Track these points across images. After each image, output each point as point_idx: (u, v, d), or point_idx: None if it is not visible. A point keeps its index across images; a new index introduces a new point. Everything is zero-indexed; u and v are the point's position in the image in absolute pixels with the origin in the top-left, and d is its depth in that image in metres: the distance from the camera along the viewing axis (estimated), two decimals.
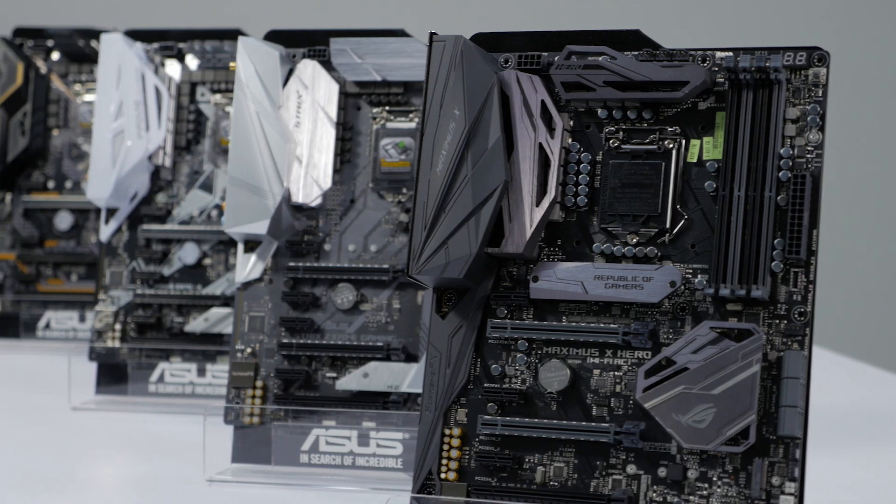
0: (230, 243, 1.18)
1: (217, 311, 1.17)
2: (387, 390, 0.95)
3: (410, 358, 0.95)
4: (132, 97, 1.17)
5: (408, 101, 0.98)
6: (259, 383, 0.98)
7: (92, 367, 1.19)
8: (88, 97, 1.45)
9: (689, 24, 2.56)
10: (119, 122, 1.17)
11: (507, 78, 0.77)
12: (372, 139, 0.99)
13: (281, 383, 0.97)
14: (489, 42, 0.79)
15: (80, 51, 1.45)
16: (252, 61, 0.98)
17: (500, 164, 0.76)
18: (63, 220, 1.44)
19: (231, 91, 1.19)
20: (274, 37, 1.01)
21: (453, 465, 0.77)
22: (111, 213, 1.20)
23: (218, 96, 1.19)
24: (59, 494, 0.93)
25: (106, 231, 1.19)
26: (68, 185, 1.45)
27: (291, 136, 0.97)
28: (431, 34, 0.78)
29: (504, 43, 0.79)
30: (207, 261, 1.18)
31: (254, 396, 0.98)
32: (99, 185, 1.17)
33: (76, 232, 1.44)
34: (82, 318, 1.42)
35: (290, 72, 0.99)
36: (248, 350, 0.98)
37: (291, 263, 0.98)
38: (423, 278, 0.77)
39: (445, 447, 0.77)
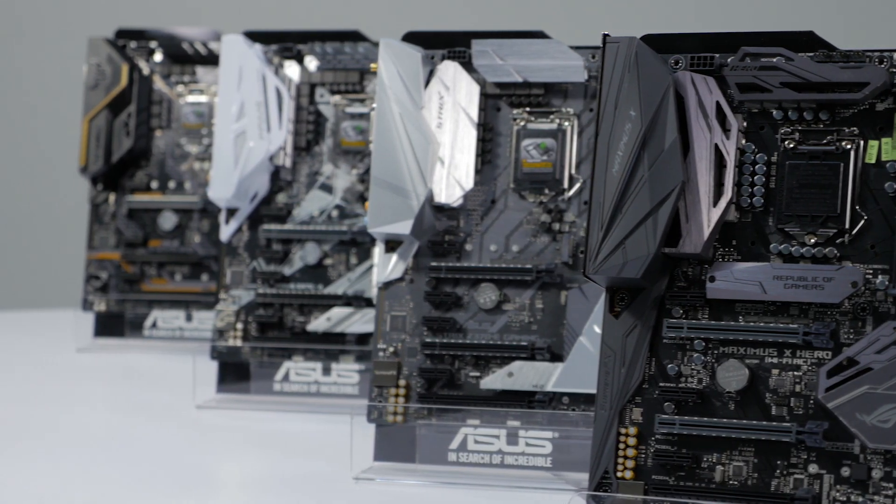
0: (351, 243, 1.19)
1: (339, 311, 1.18)
2: (532, 389, 0.96)
3: (555, 357, 0.96)
4: (253, 98, 1.18)
5: (548, 103, 0.99)
6: (402, 382, 0.98)
7: (211, 366, 1.20)
8: (191, 98, 1.46)
9: (848, 26, 2.55)
10: (241, 123, 1.18)
11: (682, 79, 0.78)
12: (512, 140, 0.99)
13: (424, 382, 0.98)
14: (658, 43, 0.80)
15: (182, 52, 1.46)
16: (394, 63, 0.99)
17: (677, 164, 0.76)
18: (167, 220, 1.45)
19: (351, 92, 1.20)
20: (411, 38, 1.01)
21: (629, 463, 0.77)
22: (231, 213, 1.20)
23: (338, 97, 1.20)
24: (211, 493, 0.93)
25: (227, 231, 1.20)
26: (171, 185, 1.46)
27: (434, 136, 0.98)
28: (605, 36, 0.79)
29: (674, 44, 0.80)
30: (328, 261, 1.19)
31: (397, 395, 0.98)
32: (221, 186, 1.18)
33: (180, 232, 1.45)
34: (189, 318, 1.43)
35: (431, 73, 1.00)
36: (391, 349, 0.99)
37: (433, 263, 0.99)
38: (600, 278, 0.77)
39: (621, 446, 0.78)
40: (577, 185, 0.97)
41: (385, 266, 0.99)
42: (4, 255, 2.58)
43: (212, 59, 1.46)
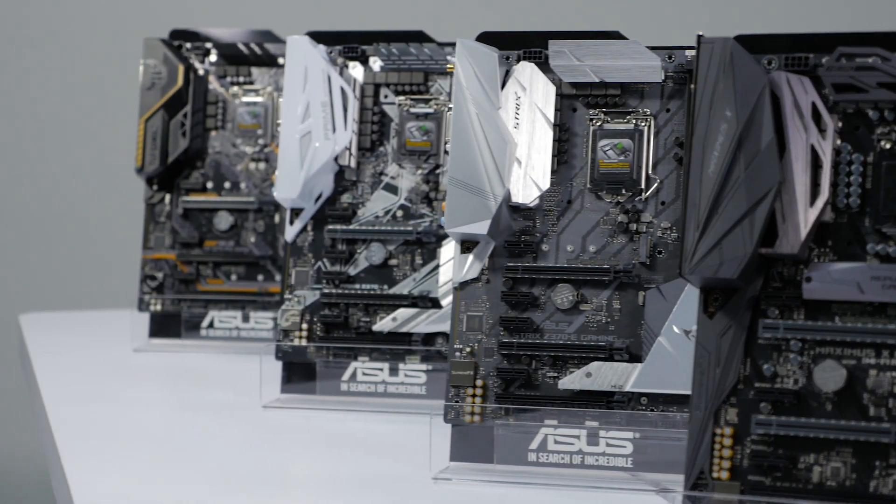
0: (416, 244, 1.19)
1: (405, 311, 1.18)
2: (610, 390, 0.96)
3: (634, 358, 0.96)
4: (319, 98, 1.18)
5: (625, 103, 0.99)
6: (479, 382, 0.98)
7: (275, 366, 1.20)
8: (246, 98, 1.46)
9: None
10: (306, 124, 1.18)
11: (778, 79, 0.78)
12: (589, 140, 0.99)
13: (501, 382, 0.98)
14: (751, 43, 0.80)
15: (237, 52, 1.46)
16: (471, 63, 0.99)
17: (773, 164, 0.76)
18: (222, 221, 1.45)
19: (416, 93, 1.20)
20: (485, 38, 1.01)
21: (725, 464, 0.77)
22: (296, 213, 1.21)
23: (402, 98, 1.20)
24: (291, 493, 0.94)
25: (291, 231, 1.20)
26: (227, 185, 1.46)
27: (512, 137, 0.98)
28: (699, 36, 0.79)
29: (767, 44, 0.80)
30: (393, 261, 1.19)
31: (474, 395, 0.98)
32: (287, 186, 1.18)
33: (235, 232, 1.45)
34: (246, 318, 1.43)
35: (506, 73, 1.00)
36: (467, 349, 0.99)
37: (510, 263, 0.99)
38: (695, 278, 0.77)
39: (717, 446, 0.78)
40: (655, 186, 0.98)
41: (461, 266, 1.00)
42: (62, 255, 2.59)
43: (267, 60, 1.46)
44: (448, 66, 1.18)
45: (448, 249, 1.18)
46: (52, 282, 2.58)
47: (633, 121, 0.99)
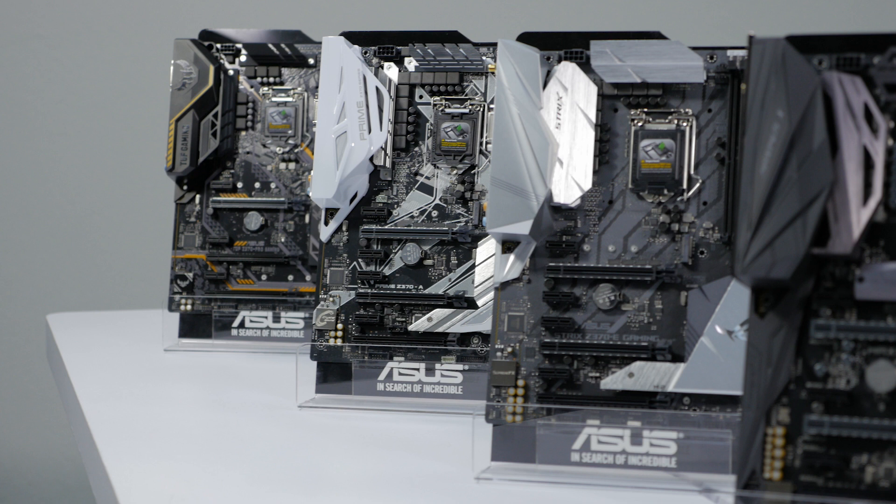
0: (451, 243, 1.19)
1: (440, 312, 1.18)
2: (653, 390, 0.96)
3: (676, 358, 0.96)
4: (354, 99, 1.19)
5: (666, 104, 0.99)
6: (520, 382, 0.98)
7: (309, 366, 1.20)
8: (276, 99, 1.47)
9: None
10: (342, 124, 1.19)
11: (829, 80, 0.78)
12: (630, 141, 0.99)
13: (543, 383, 0.98)
14: (802, 44, 0.80)
15: (267, 53, 1.46)
16: (513, 63, 0.99)
17: (826, 165, 0.76)
18: (253, 221, 1.45)
19: (451, 93, 1.20)
20: (526, 38, 1.01)
21: (777, 464, 0.77)
22: (331, 213, 1.21)
23: (437, 98, 1.20)
24: (335, 493, 0.94)
25: (326, 231, 1.21)
26: (257, 185, 1.46)
27: (554, 137, 0.98)
28: (751, 37, 0.79)
29: (818, 44, 0.80)
30: (429, 261, 1.19)
31: (515, 395, 0.98)
32: (323, 186, 1.18)
33: (265, 232, 1.46)
34: (277, 318, 1.43)
35: (548, 73, 1.00)
36: (509, 349, 0.99)
37: (551, 263, 0.99)
38: (747, 278, 0.77)
39: (768, 446, 0.78)
40: (697, 186, 0.98)
41: (502, 266, 1.00)
42: (92, 255, 2.59)
43: (297, 60, 1.46)
44: (489, 66, 1.18)
45: (484, 249, 1.18)
46: (82, 282, 2.58)
47: (675, 121, 0.99)
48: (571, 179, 0.99)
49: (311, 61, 1.47)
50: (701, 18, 2.66)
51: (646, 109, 0.99)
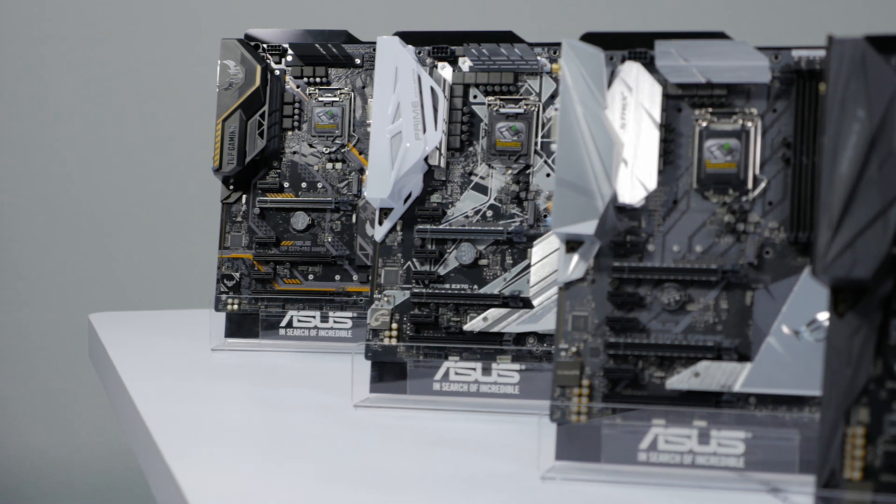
0: (506, 243, 1.19)
1: (495, 311, 1.18)
2: (719, 390, 0.96)
3: (742, 358, 0.96)
4: (409, 99, 1.19)
5: (731, 104, 0.99)
6: (585, 382, 0.99)
7: (363, 365, 1.20)
8: (322, 99, 1.47)
9: None
10: (397, 124, 1.19)
11: None
12: (695, 140, 0.99)
13: (608, 382, 0.98)
14: (880, 44, 0.80)
15: (314, 52, 1.47)
16: (577, 63, 0.99)
17: None
18: (299, 220, 1.46)
19: (505, 93, 1.21)
20: (589, 38, 1.01)
21: (857, 464, 0.77)
22: (385, 213, 1.21)
23: (492, 98, 1.21)
24: (401, 492, 0.94)
25: (380, 231, 1.21)
26: (303, 185, 1.47)
27: (619, 137, 0.98)
28: (830, 37, 0.79)
29: (891, 44, 0.80)
30: (483, 261, 1.20)
31: (580, 395, 0.99)
32: (378, 186, 1.19)
33: (312, 232, 1.46)
34: (325, 318, 1.43)
35: (612, 73, 1.00)
36: (573, 349, 0.99)
37: (616, 263, 0.99)
38: (827, 278, 0.77)
39: (848, 446, 0.78)
40: (762, 186, 0.98)
41: (566, 266, 1.00)
42: (137, 254, 2.60)
43: (344, 60, 1.47)
44: (553, 66, 1.18)
45: (539, 249, 1.18)
46: (124, 281, 2.59)
47: (740, 121, 0.99)
48: (636, 179, 0.99)
49: (358, 61, 1.47)
50: (764, 18, 2.66)
51: (710, 109, 0.99)
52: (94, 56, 2.58)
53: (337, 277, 1.45)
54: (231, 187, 1.47)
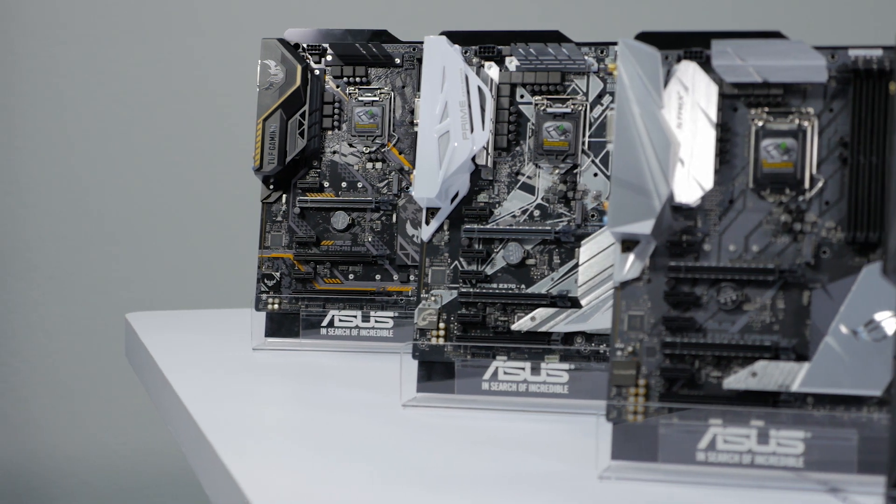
0: (554, 243, 1.19)
1: (543, 311, 1.18)
2: (777, 390, 0.96)
3: (800, 358, 0.96)
4: (457, 98, 1.19)
5: (787, 103, 0.99)
6: (641, 382, 0.99)
7: (410, 365, 1.20)
8: (362, 98, 1.47)
9: None
10: (444, 123, 1.19)
11: None
12: (751, 140, 0.99)
13: (665, 382, 0.98)
14: None
15: (353, 52, 1.47)
16: (634, 63, 0.99)
17: None
18: (340, 220, 1.46)
19: (552, 93, 1.21)
20: (644, 38, 1.01)
21: None
22: (432, 212, 1.21)
23: (538, 97, 1.21)
24: (458, 491, 0.94)
25: (427, 231, 1.21)
26: (343, 185, 1.47)
27: (675, 136, 0.98)
28: None
29: None
30: (531, 260, 1.20)
31: (636, 395, 0.99)
32: (425, 186, 1.19)
33: (352, 232, 1.46)
34: (366, 318, 1.43)
35: (668, 73, 1.00)
36: (629, 349, 0.99)
37: (672, 263, 0.99)
38: None
39: None
40: (819, 185, 0.98)
41: (622, 266, 1.00)
42: (177, 254, 2.61)
43: (384, 60, 1.47)
44: (610, 66, 1.18)
45: (587, 249, 1.18)
46: (163, 281, 2.59)
47: (796, 120, 0.99)
48: (692, 179, 0.99)
49: (398, 61, 1.47)
50: (821, 18, 2.66)
51: (766, 109, 0.99)
52: (134, 56, 2.58)
53: (377, 277, 1.45)
54: (271, 187, 1.47)
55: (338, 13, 2.61)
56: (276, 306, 1.45)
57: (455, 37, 1.21)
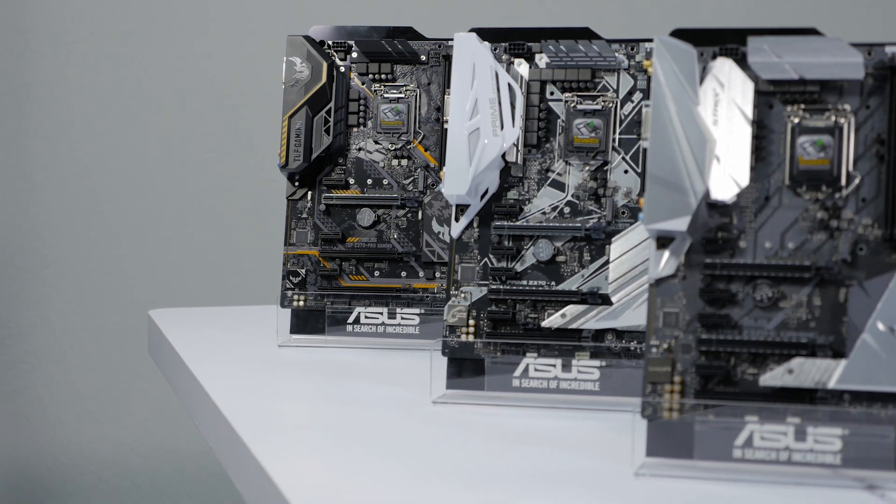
0: (584, 240, 1.19)
1: (574, 308, 1.18)
2: (813, 387, 0.96)
3: (837, 355, 0.96)
4: (487, 95, 1.19)
5: (823, 100, 0.99)
6: (677, 378, 0.98)
7: (439, 362, 1.20)
8: (388, 95, 1.47)
9: None
10: (474, 120, 1.19)
11: None
12: (787, 137, 0.99)
13: (700, 379, 0.98)
14: None
15: (379, 49, 1.47)
16: (669, 60, 0.99)
17: None
18: (365, 217, 1.46)
19: (583, 90, 1.20)
20: (679, 35, 1.01)
21: None
22: (461, 209, 1.21)
23: (569, 94, 1.20)
24: (492, 488, 0.94)
25: (457, 228, 1.21)
26: (369, 182, 1.47)
27: (712, 134, 0.98)
28: None
29: None
30: (561, 257, 1.19)
31: (672, 392, 0.98)
32: (455, 183, 1.18)
33: (378, 229, 1.46)
34: (392, 315, 1.43)
35: (704, 70, 1.00)
36: (664, 346, 0.99)
37: (708, 260, 0.99)
38: None
39: None
40: (855, 182, 0.97)
41: (657, 263, 1.00)
42: (202, 251, 2.61)
43: (409, 57, 1.47)
44: (645, 63, 1.18)
45: (618, 246, 1.18)
46: (185, 278, 2.60)
47: (833, 117, 0.98)
48: (728, 176, 0.99)
49: (423, 58, 1.47)
50: (857, 15, 2.66)
51: (802, 106, 0.99)
52: (156, 52, 2.58)
53: (403, 274, 1.45)
54: (297, 184, 1.47)
55: (363, 10, 2.60)
56: (301, 303, 1.45)
57: (485, 34, 1.21)
